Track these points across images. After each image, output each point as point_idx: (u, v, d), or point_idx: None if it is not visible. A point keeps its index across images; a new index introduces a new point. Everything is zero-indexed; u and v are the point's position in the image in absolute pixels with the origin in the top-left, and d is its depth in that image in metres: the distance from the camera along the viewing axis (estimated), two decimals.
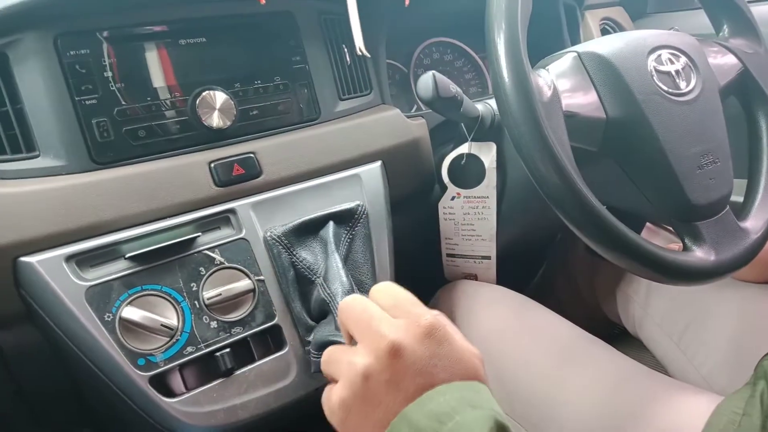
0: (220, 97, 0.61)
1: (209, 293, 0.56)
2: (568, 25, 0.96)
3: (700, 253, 0.52)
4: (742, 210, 0.58)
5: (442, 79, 0.62)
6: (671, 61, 0.55)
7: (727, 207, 0.55)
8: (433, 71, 0.62)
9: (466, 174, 0.74)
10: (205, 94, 0.60)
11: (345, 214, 0.64)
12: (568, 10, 0.96)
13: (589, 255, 0.91)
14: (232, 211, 0.60)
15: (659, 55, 0.55)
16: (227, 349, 0.56)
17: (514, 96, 0.48)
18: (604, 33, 1.00)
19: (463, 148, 0.73)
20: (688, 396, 0.55)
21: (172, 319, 0.54)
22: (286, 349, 0.59)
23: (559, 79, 0.54)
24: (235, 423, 0.56)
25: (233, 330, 0.57)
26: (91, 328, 0.51)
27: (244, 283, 0.58)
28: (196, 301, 0.56)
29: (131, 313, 0.53)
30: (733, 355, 0.66)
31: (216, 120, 0.61)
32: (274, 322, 0.59)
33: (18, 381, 0.59)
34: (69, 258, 0.52)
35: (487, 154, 0.72)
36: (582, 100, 0.53)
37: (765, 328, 0.65)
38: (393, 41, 0.81)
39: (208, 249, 0.58)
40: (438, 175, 0.76)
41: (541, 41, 0.73)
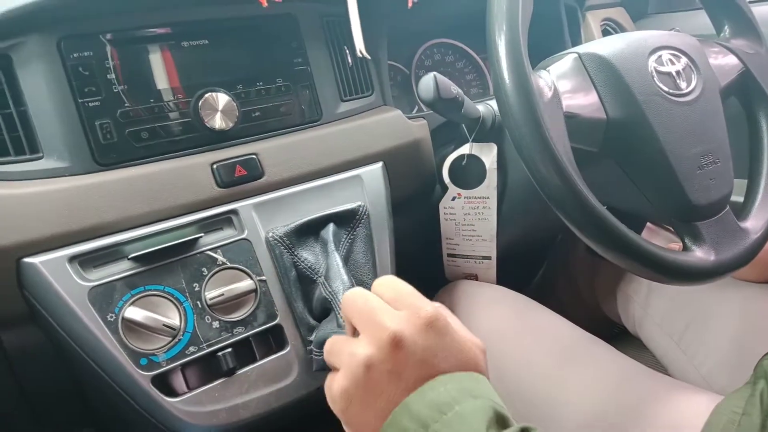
0: (222, 98, 0.61)
1: (211, 293, 0.57)
2: (569, 25, 0.96)
3: (700, 253, 0.52)
4: (742, 210, 0.58)
5: (444, 80, 0.62)
6: (672, 62, 0.55)
7: (728, 207, 0.55)
8: (435, 72, 0.62)
9: (467, 174, 0.74)
10: (207, 95, 0.60)
11: (346, 214, 0.64)
12: (569, 11, 0.96)
13: (590, 255, 0.91)
14: (234, 212, 0.61)
15: (660, 56, 0.55)
16: (229, 349, 0.56)
17: (515, 97, 0.48)
18: (605, 34, 1.00)
19: (464, 149, 0.73)
20: (688, 395, 0.55)
21: (175, 319, 0.55)
22: (288, 348, 0.60)
23: (560, 80, 0.54)
24: (236, 422, 0.56)
25: (235, 330, 0.57)
26: (94, 329, 0.52)
27: (246, 283, 0.59)
28: (199, 302, 0.56)
29: (134, 313, 0.53)
30: (733, 355, 0.66)
31: (218, 121, 0.61)
32: (275, 321, 0.59)
33: (21, 381, 0.59)
34: (72, 259, 0.52)
35: (488, 155, 0.72)
36: (583, 101, 0.53)
37: (765, 327, 0.65)
38: (394, 42, 0.81)
39: (210, 249, 0.58)
40: (439, 175, 0.76)
41: (542, 42, 0.73)
